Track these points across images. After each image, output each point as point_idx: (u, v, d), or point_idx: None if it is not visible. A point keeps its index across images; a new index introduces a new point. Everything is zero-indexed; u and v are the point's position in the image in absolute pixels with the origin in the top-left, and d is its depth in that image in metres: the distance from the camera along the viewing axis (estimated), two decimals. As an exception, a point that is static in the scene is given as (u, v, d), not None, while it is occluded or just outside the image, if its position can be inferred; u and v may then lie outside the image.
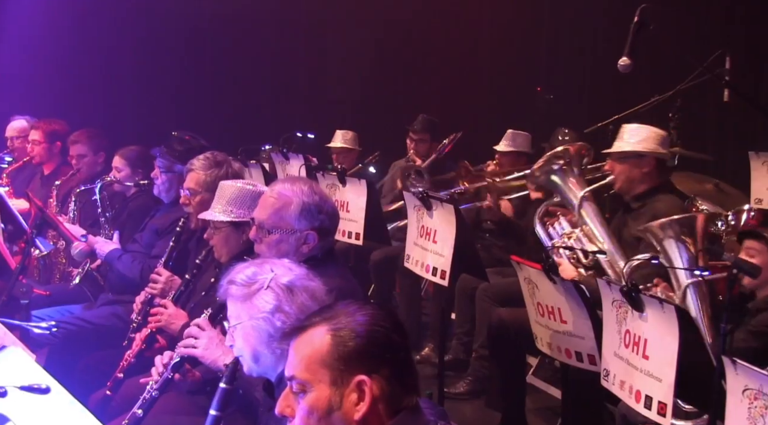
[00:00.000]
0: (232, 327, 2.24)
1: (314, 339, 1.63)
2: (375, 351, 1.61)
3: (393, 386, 1.61)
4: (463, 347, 4.81)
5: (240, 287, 2.19)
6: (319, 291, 2.19)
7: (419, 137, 5.76)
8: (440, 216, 3.67)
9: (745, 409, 2.09)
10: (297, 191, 2.79)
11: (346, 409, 1.58)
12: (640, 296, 2.59)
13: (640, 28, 3.52)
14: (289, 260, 2.29)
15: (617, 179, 3.77)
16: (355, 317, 1.63)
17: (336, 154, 6.15)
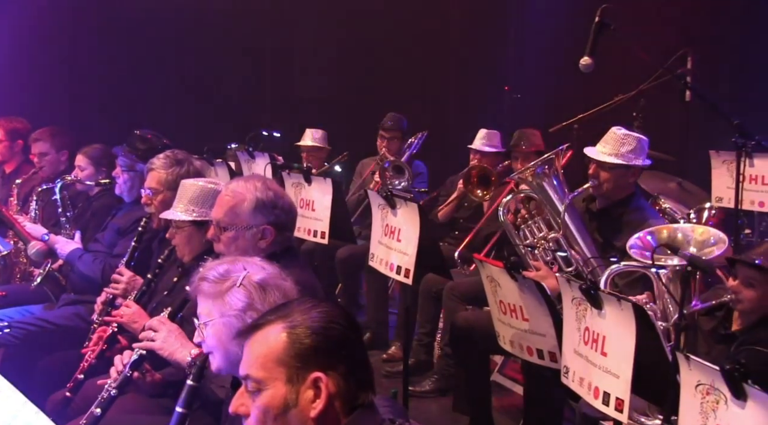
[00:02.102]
0: (203, 324, 2.23)
1: (270, 337, 1.63)
2: (331, 349, 1.61)
3: (349, 383, 1.61)
4: (424, 348, 4.83)
5: (212, 284, 2.18)
6: (291, 290, 2.19)
7: (391, 135, 5.75)
8: (404, 215, 3.67)
9: (698, 404, 2.12)
10: (250, 188, 2.81)
11: (302, 407, 1.58)
12: (599, 293, 2.61)
13: (601, 28, 3.55)
14: (262, 259, 2.29)
15: (603, 184, 3.71)
16: (310, 315, 1.63)
17: (305, 153, 6.13)
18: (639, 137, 3.75)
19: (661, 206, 5.10)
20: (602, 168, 3.70)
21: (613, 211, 3.75)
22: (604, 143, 3.75)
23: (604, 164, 3.68)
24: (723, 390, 2.04)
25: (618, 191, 3.73)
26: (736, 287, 2.73)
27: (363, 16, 7.69)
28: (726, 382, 2.01)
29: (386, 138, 5.75)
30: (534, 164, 3.75)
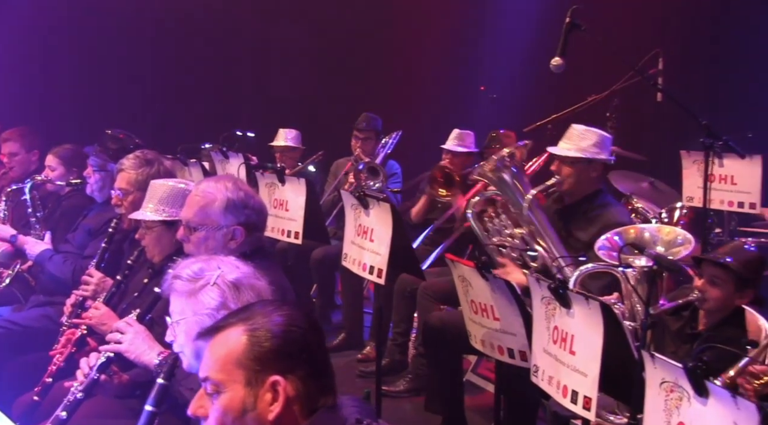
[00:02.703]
0: (175, 323, 2.22)
1: (230, 339, 1.62)
2: (290, 352, 1.60)
3: (308, 386, 1.61)
4: (398, 348, 4.83)
5: (185, 283, 2.18)
6: (265, 290, 2.18)
7: (365, 135, 5.76)
8: (377, 215, 3.67)
9: (662, 401, 2.14)
10: (221, 188, 2.80)
11: (260, 410, 1.58)
12: (567, 292, 2.63)
13: (572, 28, 3.57)
14: (236, 258, 2.28)
15: (566, 180, 3.74)
16: (271, 318, 1.62)
17: (279, 153, 6.11)
18: (600, 132, 3.78)
19: (633, 206, 5.15)
20: (564, 163, 3.74)
21: (578, 207, 3.76)
22: (566, 140, 3.79)
23: (565, 159, 3.72)
24: (686, 387, 2.06)
25: (581, 187, 3.76)
26: (701, 286, 2.76)
27: (339, 15, 7.69)
28: (689, 380, 2.03)
29: (360, 138, 5.75)
30: (494, 160, 3.78)
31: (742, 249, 2.79)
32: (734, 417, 1.84)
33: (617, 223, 3.43)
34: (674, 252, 2.78)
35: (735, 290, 2.76)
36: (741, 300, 2.80)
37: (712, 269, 2.73)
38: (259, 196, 2.97)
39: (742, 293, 2.77)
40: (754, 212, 4.59)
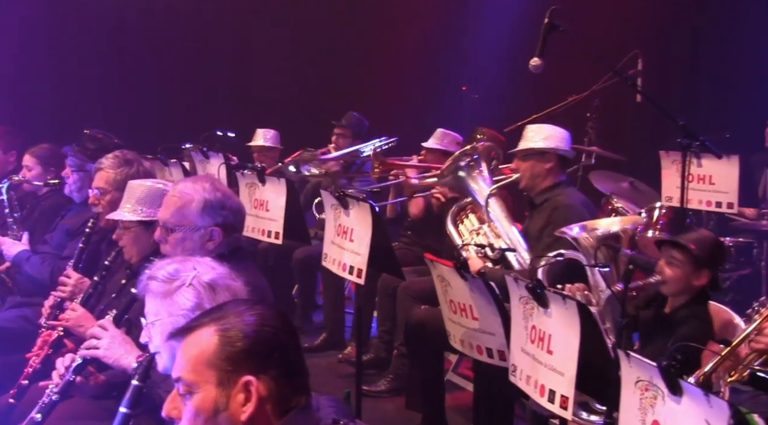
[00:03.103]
0: (150, 324, 2.20)
1: (201, 339, 1.61)
2: (263, 351, 1.60)
3: (281, 386, 1.60)
4: (384, 345, 4.83)
5: (161, 284, 2.16)
6: (241, 291, 2.17)
7: (341, 131, 5.80)
8: (356, 215, 3.67)
9: (637, 400, 2.16)
10: (198, 189, 2.79)
11: (232, 410, 1.57)
12: (544, 292, 2.64)
13: (551, 29, 3.59)
14: (212, 259, 2.27)
15: (522, 176, 3.89)
16: (243, 318, 1.61)
17: (257, 153, 6.12)
18: (554, 127, 3.92)
19: (613, 206, 5.19)
20: (520, 160, 3.87)
21: (538, 199, 3.89)
22: (522, 139, 3.93)
23: (519, 155, 3.87)
24: (660, 386, 2.07)
25: (537, 180, 3.88)
26: (659, 268, 2.80)
27: (320, 16, 7.68)
28: (663, 378, 2.04)
29: (337, 134, 5.82)
30: (454, 158, 3.86)
31: (701, 233, 2.86)
32: (706, 415, 1.86)
33: (564, 205, 3.59)
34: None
35: (692, 271, 2.81)
36: (698, 281, 2.85)
37: (670, 251, 2.80)
38: (237, 197, 2.96)
39: (699, 273, 2.82)
40: (731, 212, 4.63)
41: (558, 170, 3.90)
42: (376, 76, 7.49)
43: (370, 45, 7.59)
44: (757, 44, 5.76)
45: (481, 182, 3.84)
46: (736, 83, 5.91)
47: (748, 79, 5.83)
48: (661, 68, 5.74)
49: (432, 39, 7.36)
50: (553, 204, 3.76)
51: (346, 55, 7.69)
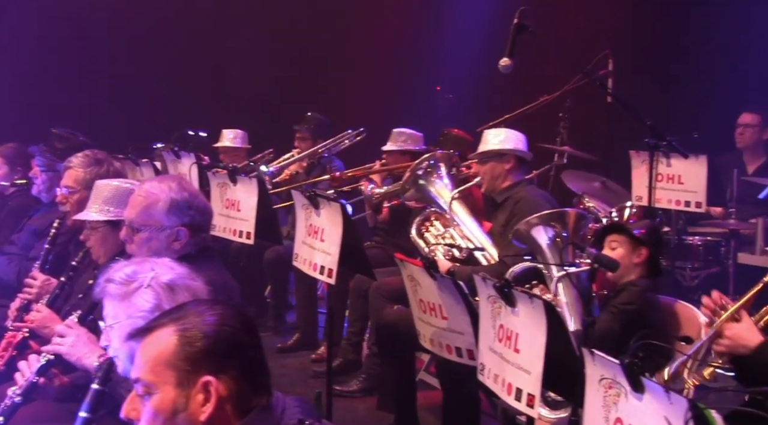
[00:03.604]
0: (109, 327, 2.18)
1: (160, 340, 1.60)
2: (222, 351, 1.59)
3: (241, 386, 1.60)
4: (352, 347, 4.83)
5: (119, 286, 2.14)
6: (201, 291, 2.16)
7: (301, 135, 5.82)
8: (327, 215, 3.67)
9: (601, 397, 2.17)
10: (165, 188, 2.77)
11: (191, 411, 1.57)
12: (512, 291, 2.65)
13: (520, 29, 3.61)
14: (171, 259, 2.25)
15: (483, 178, 4.01)
16: (203, 318, 1.61)
17: (223, 153, 6.10)
18: (510, 130, 4.09)
19: (585, 205, 5.22)
20: (480, 163, 4.00)
21: (500, 198, 4.00)
22: (482, 143, 4.05)
23: (479, 159, 3.98)
24: (623, 383, 2.09)
25: (498, 181, 4.00)
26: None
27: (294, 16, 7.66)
28: (625, 376, 2.06)
29: (297, 138, 5.82)
30: (411, 169, 3.91)
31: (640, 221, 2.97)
32: (666, 412, 1.88)
33: (526, 197, 3.73)
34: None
35: (631, 250, 2.97)
36: (638, 258, 2.98)
37: (609, 237, 2.88)
38: (204, 196, 2.94)
39: (638, 251, 2.97)
40: (699, 211, 4.69)
41: (517, 170, 4.03)
42: (349, 77, 7.49)
43: (344, 45, 7.58)
44: (727, 45, 5.82)
45: (441, 187, 3.92)
46: (706, 84, 5.96)
47: (719, 80, 5.90)
48: (632, 69, 5.79)
49: (405, 39, 7.36)
50: (515, 199, 3.90)
51: (319, 55, 7.68)
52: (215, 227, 4.44)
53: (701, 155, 4.51)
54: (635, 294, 2.91)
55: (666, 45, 6.20)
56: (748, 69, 5.76)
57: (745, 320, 2.53)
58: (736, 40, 5.80)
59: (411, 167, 4.03)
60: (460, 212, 3.86)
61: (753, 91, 5.67)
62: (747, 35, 5.70)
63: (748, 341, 2.46)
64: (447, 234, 3.83)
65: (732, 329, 2.51)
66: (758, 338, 2.46)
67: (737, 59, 5.78)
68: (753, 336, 2.47)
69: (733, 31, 5.83)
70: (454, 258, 3.74)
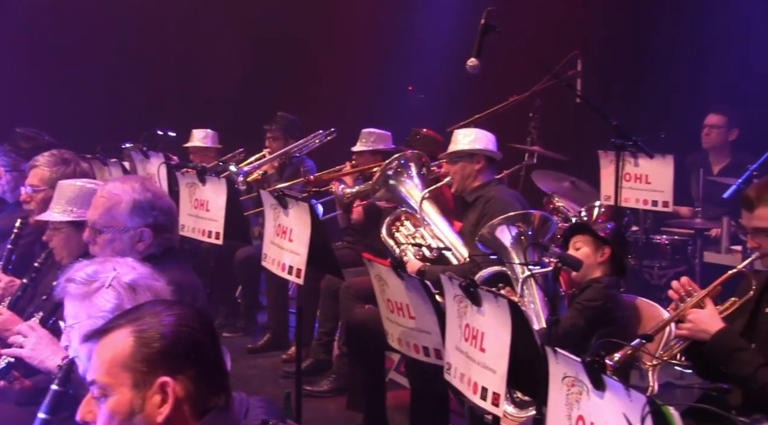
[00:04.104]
0: (69, 327, 2.16)
1: (116, 341, 1.59)
2: (180, 352, 1.58)
3: (199, 387, 1.59)
4: (323, 348, 4.83)
5: (79, 286, 2.12)
6: (164, 291, 2.14)
7: (272, 134, 5.80)
8: (296, 215, 3.66)
9: (564, 395, 2.18)
10: (128, 189, 2.75)
11: (148, 412, 1.55)
12: (477, 290, 2.66)
13: (487, 30, 3.62)
14: (133, 259, 2.23)
15: (454, 178, 4.03)
16: (160, 319, 1.59)
17: (193, 153, 6.06)
18: (480, 130, 4.10)
19: (554, 205, 5.26)
20: (450, 163, 4.01)
21: (470, 197, 4.01)
22: (452, 143, 4.06)
23: (449, 159, 3.99)
24: (585, 381, 2.10)
25: (469, 181, 4.02)
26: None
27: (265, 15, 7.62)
28: (587, 374, 2.07)
29: (269, 137, 5.77)
30: (381, 169, 3.92)
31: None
32: (625, 409, 1.89)
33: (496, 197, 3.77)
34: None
35: (595, 249, 3.01)
36: (602, 257, 3.02)
37: (575, 238, 2.91)
38: (168, 197, 2.92)
39: (601, 250, 3.01)
40: (667, 211, 4.73)
41: (487, 170, 4.06)
42: (321, 77, 7.48)
43: (315, 44, 7.56)
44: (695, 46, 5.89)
45: (412, 187, 3.92)
46: (674, 84, 6.03)
47: (687, 81, 5.97)
48: (601, 69, 5.84)
49: (378, 39, 7.36)
50: (486, 198, 3.91)
51: (291, 55, 7.65)
52: (184, 227, 4.43)
53: (668, 155, 4.55)
54: (599, 291, 2.95)
55: (635, 45, 6.26)
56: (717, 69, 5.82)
57: (710, 307, 2.61)
58: (703, 41, 5.87)
59: (381, 167, 4.03)
60: (430, 212, 3.88)
61: (720, 91, 5.74)
62: (714, 36, 5.77)
63: (709, 326, 2.54)
64: (417, 234, 3.84)
65: (695, 314, 2.59)
66: (719, 325, 2.54)
67: (704, 60, 5.85)
68: (714, 323, 2.55)
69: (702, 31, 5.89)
70: (424, 258, 3.75)
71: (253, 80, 7.67)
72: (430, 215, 3.87)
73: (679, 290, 2.67)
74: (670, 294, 2.70)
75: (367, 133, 5.38)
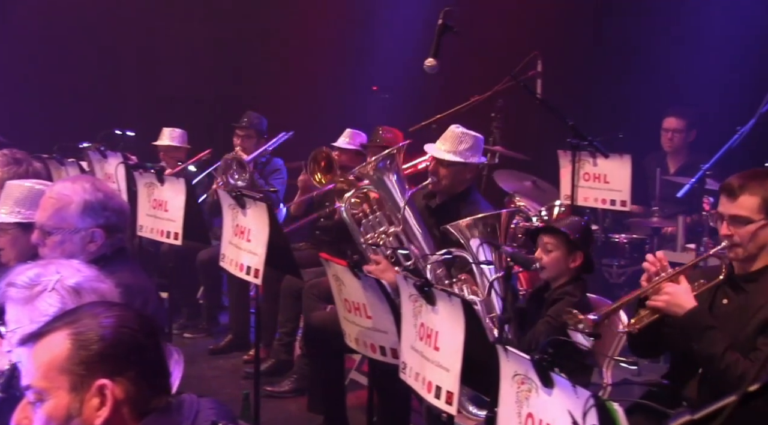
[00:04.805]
0: (11, 333, 2.11)
1: (53, 344, 1.56)
2: (119, 354, 1.56)
3: (139, 388, 1.57)
4: (284, 348, 4.81)
5: (21, 290, 2.07)
6: (110, 293, 2.11)
7: (244, 133, 5.72)
8: (253, 215, 3.64)
9: (514, 393, 2.20)
10: (78, 190, 2.71)
11: (86, 416, 1.53)
12: (432, 289, 2.67)
13: (444, 30, 3.63)
14: (79, 262, 2.20)
15: (441, 180, 3.85)
16: (99, 320, 1.57)
17: (163, 152, 5.99)
18: (476, 135, 3.91)
19: (516, 204, 5.29)
20: (441, 165, 3.85)
21: (450, 206, 3.88)
22: (443, 141, 3.87)
23: (442, 161, 3.82)
24: (534, 379, 2.12)
25: (455, 187, 3.90)
26: (538, 255, 2.90)
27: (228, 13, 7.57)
28: (535, 371, 2.09)
29: (240, 136, 5.72)
30: (375, 159, 3.83)
31: (571, 219, 2.97)
32: (570, 406, 1.91)
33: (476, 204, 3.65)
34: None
35: (567, 254, 2.95)
36: (574, 263, 2.98)
37: (545, 238, 2.91)
38: (120, 196, 2.89)
39: (573, 255, 2.96)
40: (625, 210, 4.79)
41: (474, 177, 3.98)
42: (286, 76, 7.43)
43: (280, 44, 7.52)
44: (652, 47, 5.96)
45: (399, 184, 3.82)
46: (634, 85, 6.09)
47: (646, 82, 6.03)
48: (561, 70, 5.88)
49: (342, 38, 7.35)
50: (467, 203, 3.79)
51: (255, 54, 7.60)
52: (142, 227, 4.39)
53: (625, 155, 4.60)
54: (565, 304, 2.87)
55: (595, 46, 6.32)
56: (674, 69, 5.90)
57: (684, 284, 2.65)
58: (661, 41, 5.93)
59: (378, 158, 3.86)
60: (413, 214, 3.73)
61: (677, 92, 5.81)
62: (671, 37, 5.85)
63: (684, 302, 2.58)
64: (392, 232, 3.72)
65: (673, 288, 2.63)
66: (693, 302, 2.59)
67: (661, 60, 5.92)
68: (689, 299, 2.60)
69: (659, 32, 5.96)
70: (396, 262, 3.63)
71: (216, 79, 7.60)
72: (413, 217, 3.73)
73: (655, 263, 2.70)
74: (646, 266, 2.72)
75: (355, 133, 5.36)
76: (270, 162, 5.70)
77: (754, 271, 2.68)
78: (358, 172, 4.01)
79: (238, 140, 5.70)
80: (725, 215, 2.66)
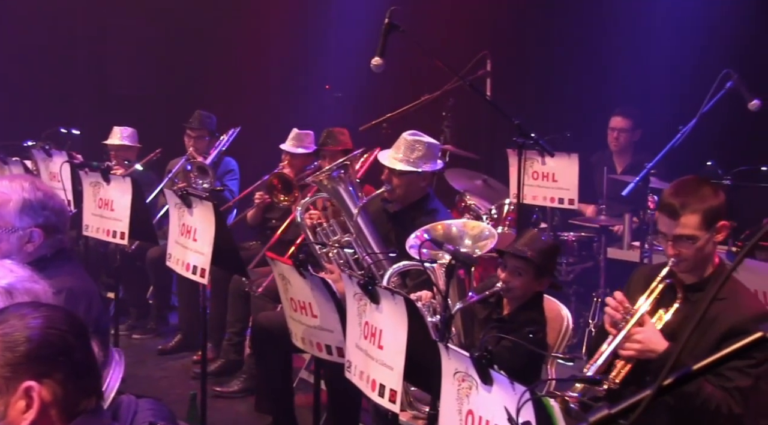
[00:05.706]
0: None
1: None
2: (47, 355, 1.54)
3: (68, 390, 1.54)
4: (233, 348, 4.78)
5: None
6: (44, 294, 2.06)
7: (197, 133, 5.65)
8: (200, 214, 3.61)
9: (455, 390, 2.22)
10: (16, 188, 2.65)
11: (11, 419, 1.50)
12: (376, 288, 2.67)
13: (391, 29, 3.63)
14: (13, 262, 2.15)
15: (395, 189, 3.77)
16: (26, 321, 1.54)
17: (114, 151, 5.89)
18: (429, 142, 3.81)
19: (466, 203, 5.34)
20: (394, 174, 3.75)
21: (407, 214, 3.80)
22: (396, 149, 3.79)
23: (394, 171, 3.74)
24: (474, 376, 2.14)
25: (411, 195, 3.82)
26: (506, 278, 2.89)
27: (179, 11, 7.48)
28: (475, 369, 2.11)
29: (192, 137, 5.65)
30: (329, 168, 3.80)
31: (539, 240, 2.95)
32: (506, 402, 1.94)
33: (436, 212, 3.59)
34: (480, 245, 2.90)
35: (535, 278, 2.91)
36: (540, 286, 2.96)
37: (515, 261, 2.87)
38: (59, 197, 2.84)
39: (540, 280, 2.94)
40: (572, 208, 4.85)
41: (429, 183, 3.89)
42: (236, 74, 7.38)
43: (230, 42, 7.45)
44: (601, 46, 6.05)
45: (352, 192, 3.77)
46: (583, 84, 6.17)
47: (594, 82, 6.12)
48: (511, 69, 5.94)
49: (294, 36, 7.31)
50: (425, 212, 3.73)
51: (205, 52, 7.53)
52: (88, 227, 4.32)
53: (573, 154, 4.66)
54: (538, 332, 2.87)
55: (544, 46, 6.39)
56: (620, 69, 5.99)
57: (650, 324, 2.58)
58: (608, 40, 6.02)
59: (333, 166, 3.81)
60: (366, 222, 3.69)
61: (624, 92, 5.91)
62: (618, 38, 5.94)
63: (656, 345, 2.52)
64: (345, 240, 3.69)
65: (642, 334, 2.54)
66: (664, 343, 2.53)
67: (608, 60, 6.00)
68: (660, 341, 2.53)
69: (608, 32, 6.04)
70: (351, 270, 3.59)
71: (165, 78, 7.50)
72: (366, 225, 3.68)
73: (618, 309, 2.59)
74: (610, 313, 2.60)
75: (304, 134, 5.28)
76: (222, 162, 5.64)
77: (699, 281, 2.66)
78: (312, 180, 3.99)
79: (190, 141, 5.63)
80: (669, 236, 2.59)
